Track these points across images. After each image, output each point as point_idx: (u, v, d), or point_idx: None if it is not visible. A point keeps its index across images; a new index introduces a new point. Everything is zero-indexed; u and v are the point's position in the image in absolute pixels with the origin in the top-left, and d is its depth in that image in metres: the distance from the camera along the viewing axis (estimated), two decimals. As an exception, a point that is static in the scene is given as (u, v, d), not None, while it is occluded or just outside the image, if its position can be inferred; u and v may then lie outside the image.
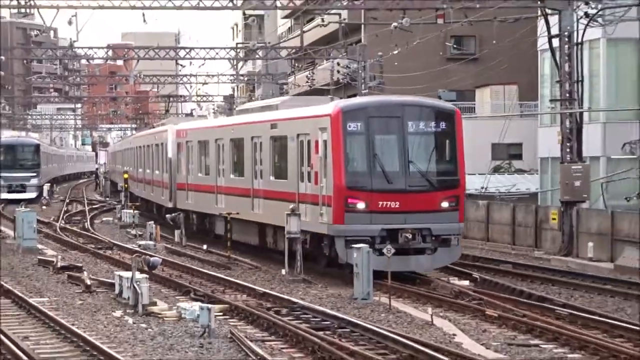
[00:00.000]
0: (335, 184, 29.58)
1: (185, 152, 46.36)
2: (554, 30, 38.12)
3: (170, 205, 47.96)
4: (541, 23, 41.02)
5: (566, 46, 37.75)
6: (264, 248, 36.60)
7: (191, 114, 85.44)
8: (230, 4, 39.58)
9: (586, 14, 38.38)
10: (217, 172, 41.13)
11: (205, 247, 40.45)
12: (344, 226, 29.38)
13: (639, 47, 47.96)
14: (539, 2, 38.35)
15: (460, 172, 30.32)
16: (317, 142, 30.80)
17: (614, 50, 48.32)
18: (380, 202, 29.40)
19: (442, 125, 30.16)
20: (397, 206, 29.45)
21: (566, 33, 37.68)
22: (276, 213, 32.99)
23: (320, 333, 21.37)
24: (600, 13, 39.19)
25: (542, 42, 46.82)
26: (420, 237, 29.52)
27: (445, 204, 29.79)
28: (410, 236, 29.31)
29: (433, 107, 30.86)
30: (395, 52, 54.26)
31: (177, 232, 44.67)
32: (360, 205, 29.37)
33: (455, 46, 67.58)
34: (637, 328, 22.05)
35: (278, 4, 45.23)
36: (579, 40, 38.13)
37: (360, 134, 29.77)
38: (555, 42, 38.12)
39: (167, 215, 47.74)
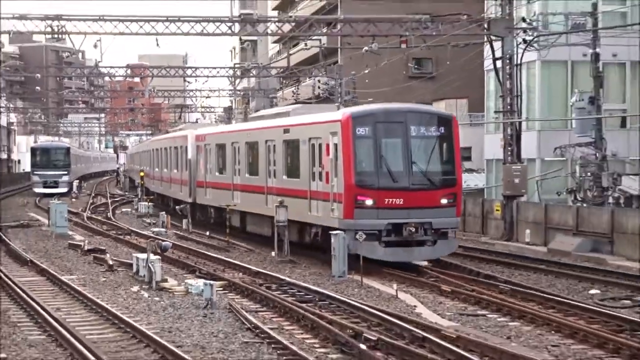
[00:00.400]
0: (345, 183, 28.01)
1: (203, 154, 44.60)
2: (498, 54, 38.16)
3: (189, 200, 46.61)
4: (487, 47, 41.03)
5: (507, 67, 37.78)
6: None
7: (196, 122, 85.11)
8: (229, 31, 39.40)
9: (524, 40, 38.40)
10: (234, 171, 39.39)
11: (208, 233, 40.31)
12: (353, 221, 27.78)
13: (568, 68, 48.26)
14: (485, 31, 38.36)
15: (457, 171, 28.82)
16: (328, 145, 29.19)
17: (547, 70, 48.48)
18: (386, 199, 27.82)
19: (441, 129, 28.59)
20: (401, 203, 27.87)
21: (507, 56, 37.71)
22: (289, 208, 31.28)
23: (304, 305, 21.35)
24: (535, 40, 39.26)
25: (487, 64, 46.91)
26: (422, 230, 27.95)
27: (444, 201, 28.24)
28: (413, 229, 27.76)
29: (433, 114, 29.31)
30: (366, 71, 54.16)
31: (184, 220, 44.54)
32: (368, 201, 27.79)
33: (416, 66, 67.60)
34: (566, 300, 22.13)
35: (269, 31, 45.28)
36: (518, 62, 38.15)
37: (368, 137, 28.15)
38: (499, 64, 38.15)
39: (177, 207, 47.42)
